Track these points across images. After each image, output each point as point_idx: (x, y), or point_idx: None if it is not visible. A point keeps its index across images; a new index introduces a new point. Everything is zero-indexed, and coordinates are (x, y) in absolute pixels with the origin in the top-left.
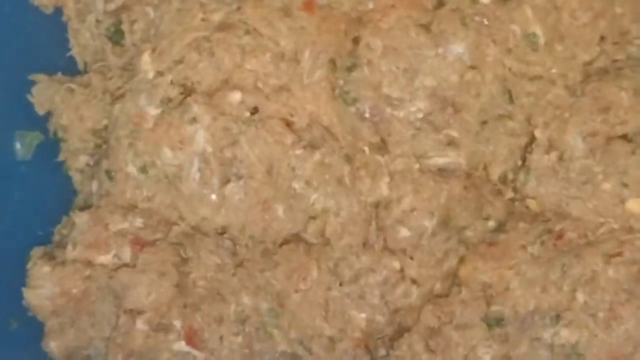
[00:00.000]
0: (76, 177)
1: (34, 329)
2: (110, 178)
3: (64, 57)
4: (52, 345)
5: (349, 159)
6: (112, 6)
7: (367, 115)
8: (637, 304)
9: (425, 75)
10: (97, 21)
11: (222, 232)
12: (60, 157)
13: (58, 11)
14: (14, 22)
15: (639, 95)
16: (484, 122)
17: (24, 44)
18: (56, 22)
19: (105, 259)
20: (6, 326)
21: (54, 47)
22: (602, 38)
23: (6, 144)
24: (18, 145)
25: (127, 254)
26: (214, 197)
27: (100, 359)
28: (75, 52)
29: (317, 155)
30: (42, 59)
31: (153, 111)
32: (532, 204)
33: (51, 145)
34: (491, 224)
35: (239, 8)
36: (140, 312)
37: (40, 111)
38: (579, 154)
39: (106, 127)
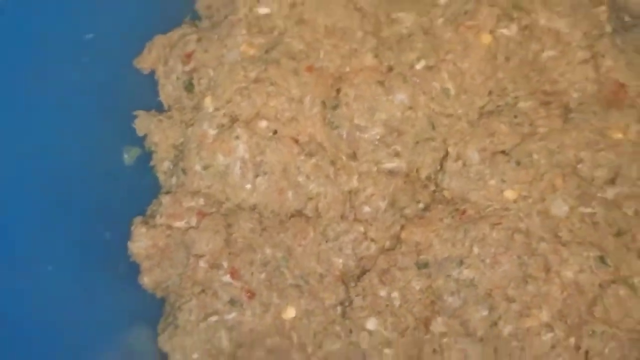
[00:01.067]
0: (161, 177)
1: (134, 269)
2: (185, 174)
3: (155, 101)
4: (145, 280)
5: (333, 163)
6: (187, 69)
7: (344, 136)
8: (510, 254)
9: (380, 112)
10: (177, 78)
11: (254, 208)
12: (152, 163)
13: (152, 72)
14: (124, 79)
15: (513, 127)
16: (417, 142)
17: (130, 93)
18: (150, 78)
19: (180, 224)
20: (117, 267)
21: (149, 94)
22: (490, 92)
23: (117, 155)
24: (125, 156)
25: (194, 221)
26: (249, 186)
27: (176, 288)
28: (162, 97)
29: (313, 160)
30: (142, 102)
31: (212, 132)
32: (446, 193)
33: (146, 156)
34: (421, 205)
35: (266, 69)
36: (202, 256)
37: (140, 134)
38: (475, 162)
39: (182, 143)
